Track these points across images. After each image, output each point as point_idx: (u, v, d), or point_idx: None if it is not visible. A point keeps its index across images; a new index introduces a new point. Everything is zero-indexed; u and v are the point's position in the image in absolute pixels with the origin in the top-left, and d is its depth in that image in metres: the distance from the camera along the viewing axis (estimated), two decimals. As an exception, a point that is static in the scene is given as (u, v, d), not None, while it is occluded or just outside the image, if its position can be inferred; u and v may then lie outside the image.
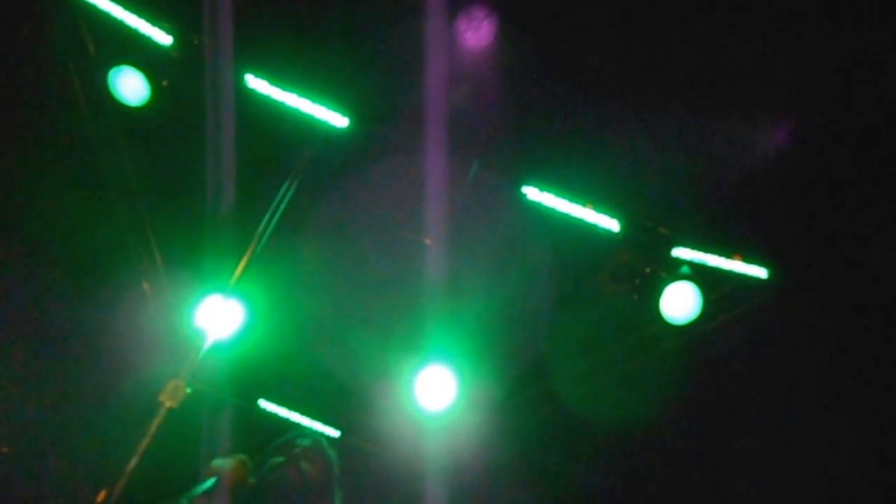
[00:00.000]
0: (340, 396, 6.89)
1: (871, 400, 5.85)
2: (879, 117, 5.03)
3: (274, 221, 3.99)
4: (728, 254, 5.56)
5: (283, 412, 7.11)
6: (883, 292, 5.57)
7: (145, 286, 6.16)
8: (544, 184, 5.54)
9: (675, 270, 5.57)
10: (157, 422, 3.01)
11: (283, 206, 4.08)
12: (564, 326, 6.17)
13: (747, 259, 5.52)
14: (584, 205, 5.55)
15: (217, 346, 3.63)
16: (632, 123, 5.26)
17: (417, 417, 6.39)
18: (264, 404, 7.08)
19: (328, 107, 5.30)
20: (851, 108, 5.00)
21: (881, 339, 5.69)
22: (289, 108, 5.28)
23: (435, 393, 6.19)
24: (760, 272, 5.54)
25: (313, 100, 5.28)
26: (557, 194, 5.54)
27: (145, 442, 2.95)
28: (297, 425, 6.92)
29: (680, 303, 5.56)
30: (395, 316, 6.27)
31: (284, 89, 5.27)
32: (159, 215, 6.10)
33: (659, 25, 5.02)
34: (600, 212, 5.56)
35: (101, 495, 3.14)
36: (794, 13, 4.76)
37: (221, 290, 4.27)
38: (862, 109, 5.01)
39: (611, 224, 5.57)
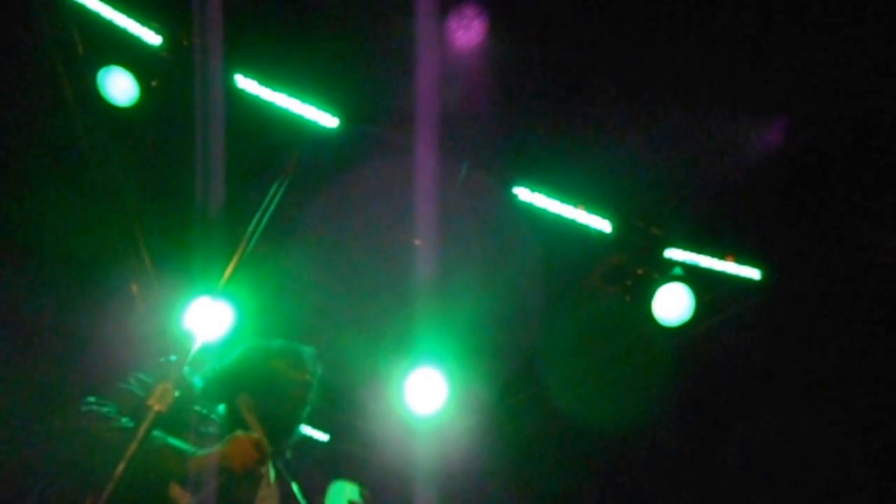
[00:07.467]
0: (330, 399, 6.85)
1: (865, 401, 5.85)
2: (873, 118, 5.03)
3: (263, 222, 3.94)
4: (721, 255, 5.56)
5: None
6: (876, 293, 5.57)
7: (134, 288, 6.12)
8: (535, 184, 5.53)
9: (667, 271, 5.57)
10: (145, 426, 2.94)
11: (272, 207, 4.03)
12: (556, 328, 6.15)
13: (740, 260, 5.52)
14: (575, 205, 5.54)
15: (206, 349, 3.59)
16: (624, 123, 5.25)
17: (407, 420, 6.37)
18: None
19: (318, 107, 5.28)
20: (846, 108, 5.00)
21: (875, 339, 5.69)
22: (278, 108, 5.27)
23: (425, 396, 6.18)
24: (753, 273, 5.53)
25: (303, 100, 5.27)
26: (549, 195, 5.53)
27: (133, 447, 2.89)
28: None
29: (672, 304, 5.55)
30: (385, 318, 6.25)
31: (274, 89, 5.26)
32: (148, 216, 6.06)
33: (651, 25, 5.01)
34: (592, 212, 5.55)
35: (89, 501, 3.09)
36: (787, 13, 4.76)
37: (210, 291, 4.24)
38: (856, 110, 5.01)
39: (603, 225, 5.56)
